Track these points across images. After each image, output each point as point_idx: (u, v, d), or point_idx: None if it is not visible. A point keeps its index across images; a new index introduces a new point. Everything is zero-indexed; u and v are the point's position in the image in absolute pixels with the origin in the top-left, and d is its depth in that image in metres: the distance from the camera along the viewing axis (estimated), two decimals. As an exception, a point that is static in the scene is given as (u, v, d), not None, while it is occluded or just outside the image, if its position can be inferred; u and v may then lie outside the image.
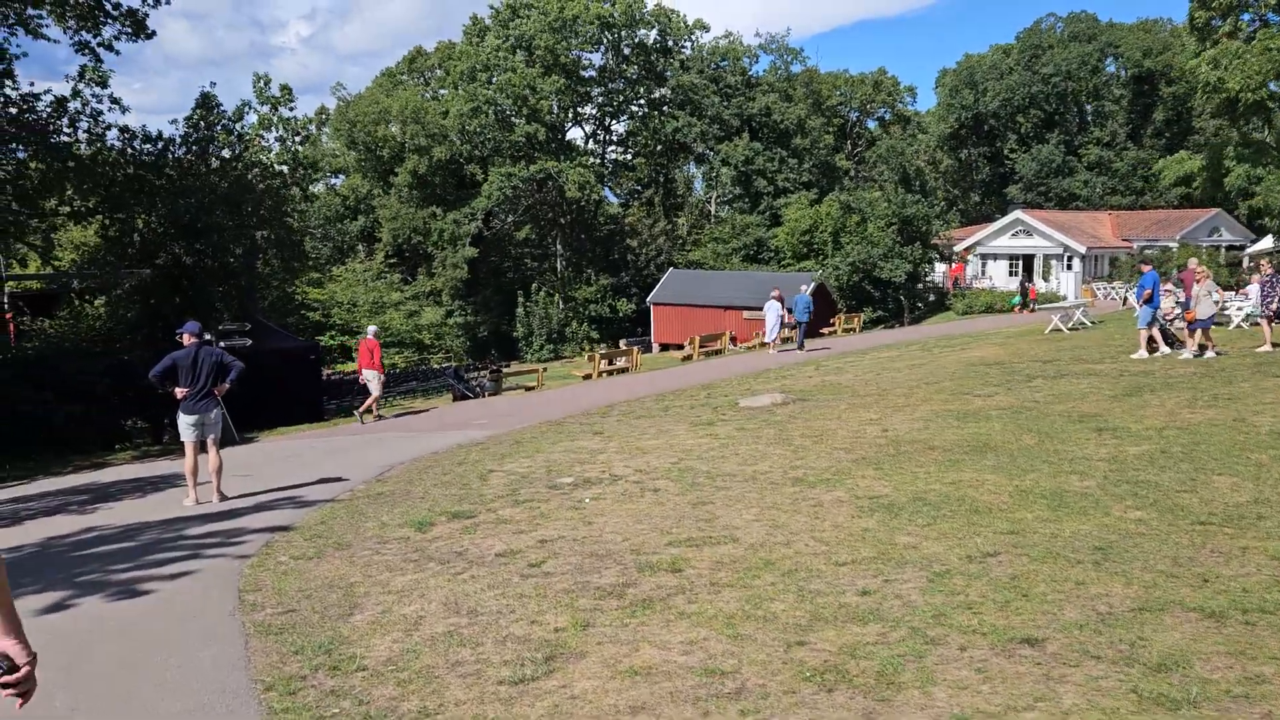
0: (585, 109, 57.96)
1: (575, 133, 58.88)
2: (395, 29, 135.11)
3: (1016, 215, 50.77)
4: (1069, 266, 48.36)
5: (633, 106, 58.24)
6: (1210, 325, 16.88)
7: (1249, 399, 11.61)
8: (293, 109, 26.65)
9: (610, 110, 58.17)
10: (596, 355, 26.01)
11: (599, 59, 56.30)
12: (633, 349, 28.88)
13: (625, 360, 27.01)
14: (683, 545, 6.78)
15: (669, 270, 50.34)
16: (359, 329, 46.43)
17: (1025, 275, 49.12)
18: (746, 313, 40.76)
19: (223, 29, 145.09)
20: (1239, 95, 41.72)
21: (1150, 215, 54.15)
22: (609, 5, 53.89)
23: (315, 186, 41.68)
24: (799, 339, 26.14)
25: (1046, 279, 48.10)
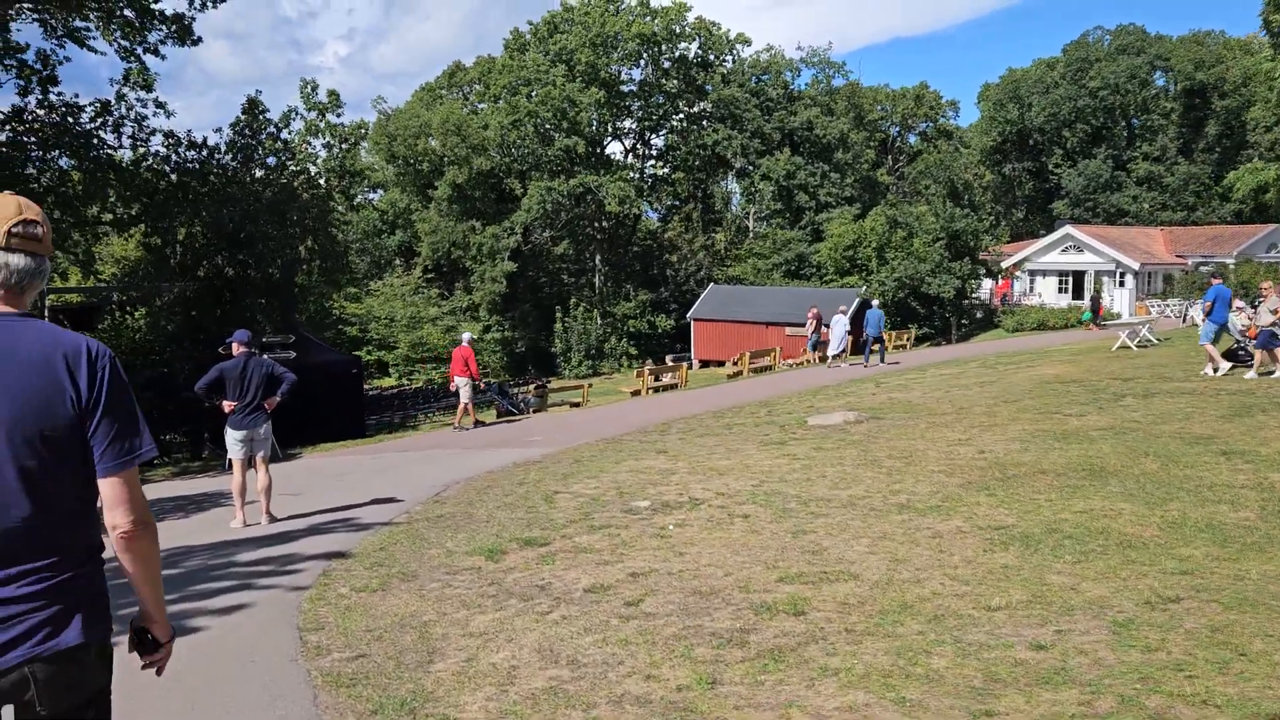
0: (624, 123, 57.41)
1: (614, 147, 58.40)
2: (430, 50, 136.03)
3: (1066, 231, 49.49)
4: (1121, 283, 47.00)
5: (672, 120, 57.61)
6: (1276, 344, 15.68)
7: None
8: (340, 115, 26.18)
9: (649, 124, 57.58)
10: (645, 371, 25.24)
11: (638, 73, 55.83)
12: (680, 365, 28.10)
13: (673, 376, 26.22)
14: (795, 581, 5.97)
15: (709, 286, 49.56)
16: (396, 344, 46.06)
17: (1075, 292, 47.90)
18: (789, 329, 39.91)
19: (263, 48, 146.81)
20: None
21: (1205, 231, 52.65)
22: (650, 21, 53.40)
23: (358, 198, 41.37)
24: (874, 353, 26.00)
25: (1098, 296, 46.75)
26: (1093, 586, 5.47)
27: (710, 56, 56.49)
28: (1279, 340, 15.54)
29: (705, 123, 56.43)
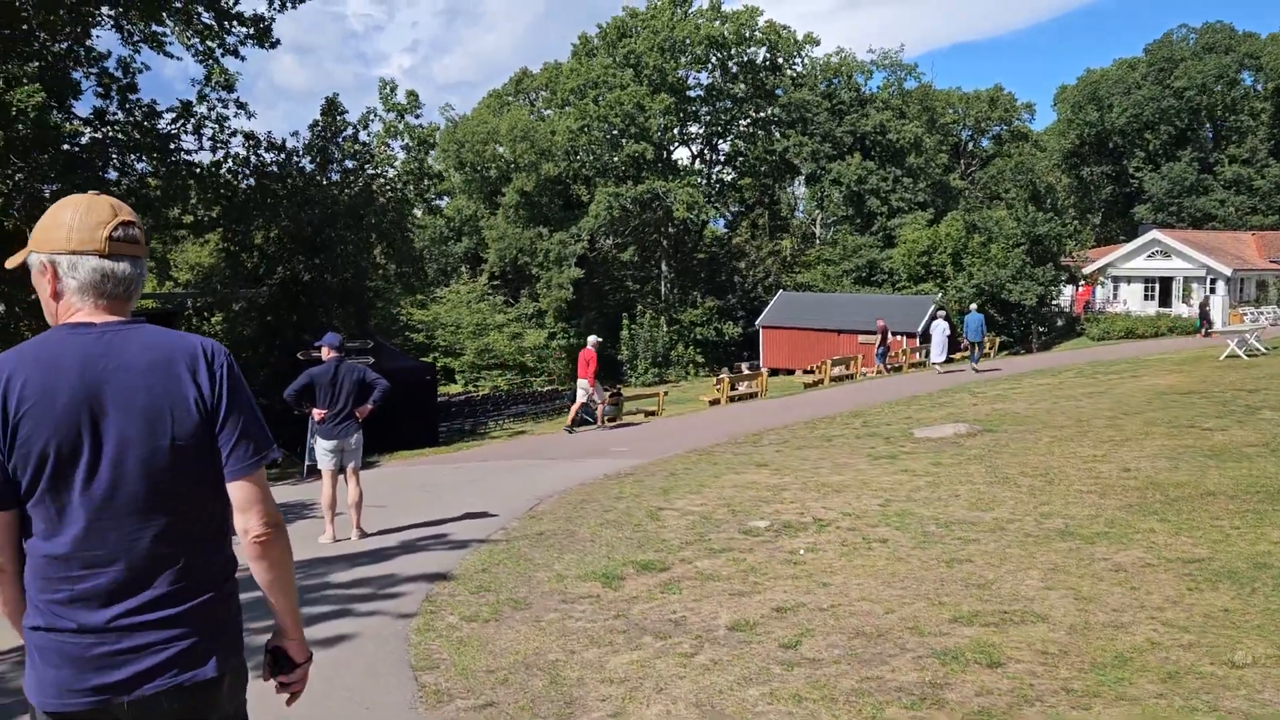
0: (692, 128, 56.70)
1: (680, 152, 57.69)
2: (492, 60, 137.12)
3: (1153, 235, 47.45)
4: (1212, 290, 44.87)
5: (740, 125, 56.72)
6: None
7: None
8: (419, 116, 25.81)
9: (717, 129, 56.79)
10: (725, 380, 24.45)
11: (705, 78, 55.09)
12: (759, 373, 27.25)
13: (751, 385, 25.39)
14: (974, 623, 5.17)
15: (778, 293, 48.52)
16: (462, 350, 45.84)
17: (1162, 299, 45.93)
18: (862, 336, 38.79)
19: (330, 61, 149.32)
20: None
21: (1299, 235, 50.22)
22: (719, 25, 52.68)
23: (434, 201, 41.25)
24: (977, 356, 25.77)
25: (1187, 302, 44.73)
26: (1347, 639, 4.59)
27: (779, 59, 55.54)
28: None
29: (773, 127, 55.47)
